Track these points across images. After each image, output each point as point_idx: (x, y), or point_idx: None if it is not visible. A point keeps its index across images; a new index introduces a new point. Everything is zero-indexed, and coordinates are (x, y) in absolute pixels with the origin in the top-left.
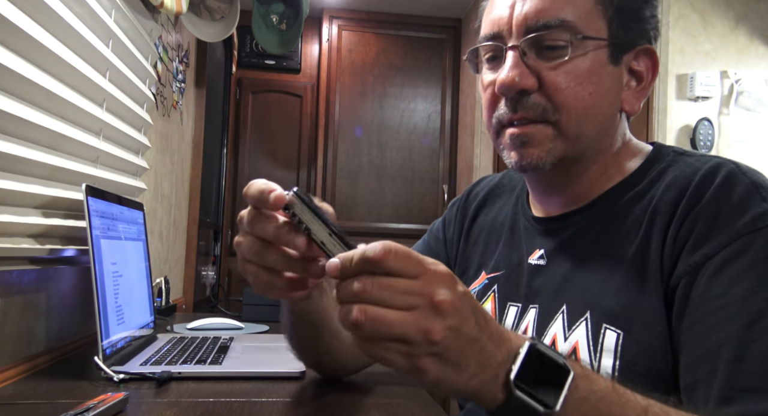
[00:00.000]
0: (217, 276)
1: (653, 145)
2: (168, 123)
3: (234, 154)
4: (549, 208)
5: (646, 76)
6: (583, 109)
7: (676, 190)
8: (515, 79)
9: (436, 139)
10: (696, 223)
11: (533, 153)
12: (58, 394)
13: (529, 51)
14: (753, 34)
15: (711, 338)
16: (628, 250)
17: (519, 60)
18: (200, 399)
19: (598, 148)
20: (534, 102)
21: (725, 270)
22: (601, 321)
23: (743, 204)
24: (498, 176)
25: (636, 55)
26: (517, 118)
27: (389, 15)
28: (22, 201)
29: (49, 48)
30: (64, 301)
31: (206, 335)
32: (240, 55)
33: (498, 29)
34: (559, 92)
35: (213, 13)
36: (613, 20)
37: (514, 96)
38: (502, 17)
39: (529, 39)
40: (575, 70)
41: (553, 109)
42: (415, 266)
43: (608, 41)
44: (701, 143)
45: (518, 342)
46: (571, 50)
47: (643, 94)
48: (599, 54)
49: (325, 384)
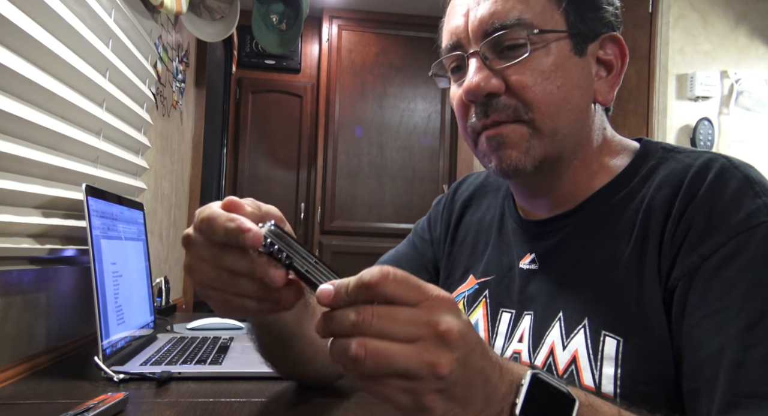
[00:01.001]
0: None
1: (640, 141)
2: (168, 123)
3: (234, 154)
4: (536, 210)
5: (615, 63)
6: (554, 103)
7: (669, 188)
8: (480, 83)
9: (436, 139)
10: (691, 222)
11: (512, 154)
12: (58, 394)
13: (490, 54)
14: (753, 34)
15: (711, 342)
16: (623, 253)
17: (481, 64)
18: (200, 399)
19: (576, 142)
20: (504, 104)
21: (722, 271)
22: (600, 327)
23: (737, 200)
24: (483, 174)
25: (601, 44)
26: (489, 123)
27: (389, 15)
28: (22, 201)
29: (49, 48)
30: (64, 301)
31: (206, 335)
32: (240, 55)
33: (456, 39)
34: (527, 90)
35: (213, 13)
36: (569, 13)
37: (483, 101)
38: (459, 26)
39: (487, 42)
40: (539, 65)
41: (525, 107)
42: (415, 292)
43: (567, 32)
44: (701, 143)
45: (519, 372)
46: (530, 47)
47: (616, 83)
48: (561, 46)
49: (325, 385)
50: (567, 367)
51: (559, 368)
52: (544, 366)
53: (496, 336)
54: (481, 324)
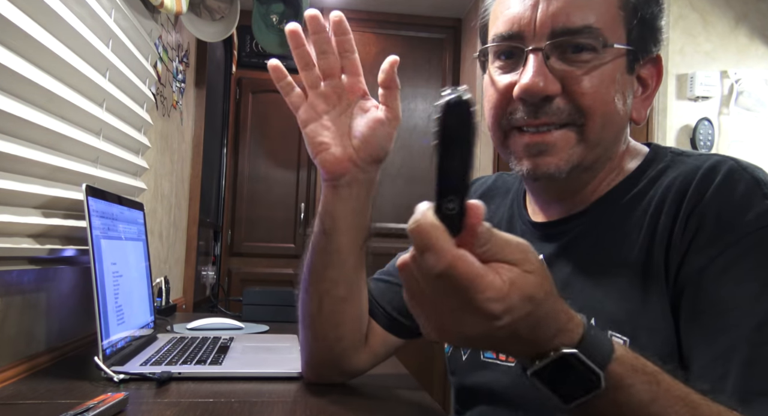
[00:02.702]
0: (217, 276)
1: (649, 146)
2: (168, 123)
3: (234, 153)
4: (549, 213)
5: (650, 83)
6: (606, 114)
7: (677, 189)
8: (540, 84)
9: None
10: (699, 224)
11: (551, 162)
12: (58, 394)
13: (552, 54)
14: (753, 33)
15: (721, 342)
16: (630, 254)
17: (543, 64)
18: (200, 399)
19: (609, 156)
20: (558, 107)
21: (731, 271)
22: (606, 327)
23: (746, 201)
24: (492, 178)
25: (645, 63)
26: (537, 124)
27: (389, 15)
28: (22, 201)
29: (49, 48)
30: (64, 301)
31: (206, 335)
32: (240, 55)
33: (518, 29)
34: (585, 97)
35: (213, 13)
36: (634, 29)
37: (536, 101)
38: (523, 16)
39: (554, 42)
40: (600, 75)
41: (579, 113)
42: (522, 256)
43: (628, 49)
44: (701, 143)
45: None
46: (595, 56)
47: (649, 102)
48: (619, 62)
49: (324, 385)
50: None
51: None
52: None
53: None
54: None
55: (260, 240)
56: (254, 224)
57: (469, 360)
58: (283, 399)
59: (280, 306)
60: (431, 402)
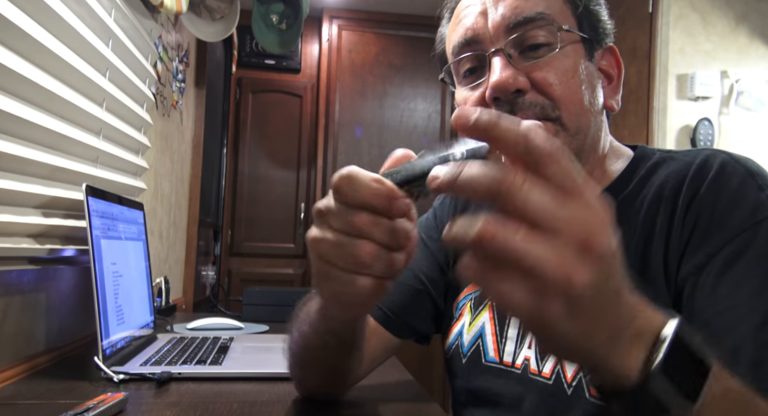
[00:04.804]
0: (217, 276)
1: (635, 147)
2: (168, 123)
3: (234, 153)
4: None
5: (612, 73)
6: (577, 102)
7: (671, 188)
8: (509, 80)
9: (436, 139)
10: (696, 220)
11: None
12: (58, 394)
13: (513, 53)
14: (753, 33)
15: (724, 342)
16: (627, 254)
17: (507, 62)
18: (200, 399)
19: (592, 145)
20: (531, 101)
21: (730, 268)
22: None
23: (740, 195)
24: None
25: (602, 54)
26: None
27: (389, 15)
28: (22, 201)
29: (49, 48)
30: (64, 301)
31: (206, 335)
32: (240, 55)
33: (473, 34)
34: (553, 87)
35: (213, 12)
36: (581, 19)
37: (509, 98)
38: (477, 23)
39: (511, 40)
40: (562, 65)
41: (552, 105)
42: (580, 180)
43: (583, 36)
44: (701, 143)
45: (653, 319)
46: (553, 48)
47: (618, 90)
48: (577, 49)
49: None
50: (575, 375)
51: (567, 375)
52: (552, 374)
53: (506, 340)
54: (488, 327)
55: (260, 240)
56: (254, 224)
57: (470, 363)
58: (283, 399)
59: (280, 306)
60: (431, 402)
